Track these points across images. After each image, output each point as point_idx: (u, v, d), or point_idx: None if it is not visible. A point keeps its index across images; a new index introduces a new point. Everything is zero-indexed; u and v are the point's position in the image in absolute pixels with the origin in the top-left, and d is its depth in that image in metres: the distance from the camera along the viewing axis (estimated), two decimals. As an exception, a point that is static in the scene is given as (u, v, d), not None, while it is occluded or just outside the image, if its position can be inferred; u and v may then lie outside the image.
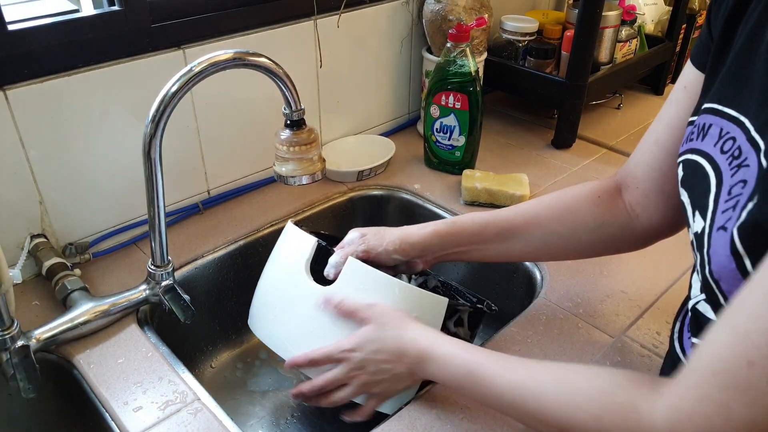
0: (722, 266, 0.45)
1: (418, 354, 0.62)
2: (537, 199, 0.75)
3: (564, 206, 0.72)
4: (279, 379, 0.97)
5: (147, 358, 0.74)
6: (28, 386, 0.69)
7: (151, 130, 0.68)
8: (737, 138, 0.48)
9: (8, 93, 0.76)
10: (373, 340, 0.65)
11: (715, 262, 0.46)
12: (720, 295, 0.47)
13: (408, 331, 0.64)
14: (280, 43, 1.01)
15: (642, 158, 0.68)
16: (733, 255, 0.43)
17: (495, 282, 1.00)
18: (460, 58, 1.03)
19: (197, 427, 0.66)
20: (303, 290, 0.72)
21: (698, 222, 0.50)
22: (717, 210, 0.47)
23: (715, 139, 0.50)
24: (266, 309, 0.77)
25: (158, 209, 0.75)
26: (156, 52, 0.87)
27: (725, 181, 0.47)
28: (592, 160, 1.19)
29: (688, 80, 0.61)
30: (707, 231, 0.48)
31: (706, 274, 0.47)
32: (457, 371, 0.59)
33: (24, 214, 0.83)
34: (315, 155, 0.75)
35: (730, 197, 0.46)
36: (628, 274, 0.88)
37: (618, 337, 0.78)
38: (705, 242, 0.48)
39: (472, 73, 1.04)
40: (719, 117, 0.51)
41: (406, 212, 1.10)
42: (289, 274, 0.75)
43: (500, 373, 0.56)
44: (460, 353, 0.60)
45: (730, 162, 0.47)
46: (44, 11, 0.81)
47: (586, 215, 0.71)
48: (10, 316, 0.68)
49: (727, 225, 0.45)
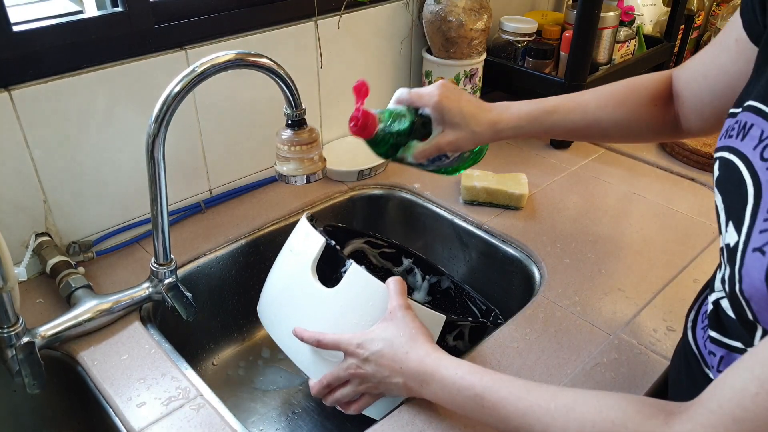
0: (755, 288, 0.43)
1: (421, 373, 0.62)
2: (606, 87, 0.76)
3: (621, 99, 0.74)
4: (281, 376, 0.97)
5: (150, 354, 0.75)
6: (33, 382, 0.70)
7: (154, 129, 0.69)
8: None
9: (13, 93, 0.77)
10: (380, 340, 0.65)
11: (747, 283, 0.44)
12: (749, 311, 0.45)
13: (417, 347, 0.63)
14: (282, 44, 1.02)
15: (687, 72, 0.69)
16: (767, 281, 0.42)
17: (494, 279, 1.01)
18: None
19: (200, 423, 0.67)
20: (307, 289, 0.73)
21: (731, 234, 0.47)
22: (754, 228, 0.45)
23: (756, 142, 0.47)
24: (272, 300, 0.79)
25: (161, 208, 0.76)
26: (159, 53, 0.88)
27: (765, 195, 0.45)
28: (590, 159, 1.20)
29: (738, 35, 0.59)
30: (740, 248, 0.46)
31: (736, 290, 0.46)
32: (461, 394, 0.59)
33: (28, 213, 0.84)
34: (316, 155, 0.76)
35: None
36: (626, 272, 0.89)
37: (615, 334, 0.78)
38: (737, 259, 0.46)
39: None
40: (762, 118, 0.47)
41: (406, 211, 1.11)
42: (295, 271, 0.76)
43: (507, 398, 0.55)
44: (466, 376, 0.59)
45: None
46: (48, 12, 0.82)
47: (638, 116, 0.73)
48: (15, 314, 0.69)
49: (765, 249, 0.43)
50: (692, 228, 0.99)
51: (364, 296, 0.70)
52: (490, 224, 1.00)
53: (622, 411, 0.48)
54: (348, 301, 0.70)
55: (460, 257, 1.06)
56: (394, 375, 0.63)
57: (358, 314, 0.70)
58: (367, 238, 0.98)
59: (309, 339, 0.70)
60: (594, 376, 0.72)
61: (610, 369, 0.73)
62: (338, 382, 0.68)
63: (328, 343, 0.68)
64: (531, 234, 0.97)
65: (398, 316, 0.66)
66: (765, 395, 0.38)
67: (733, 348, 0.51)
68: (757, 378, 0.39)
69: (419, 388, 0.62)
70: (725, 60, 0.62)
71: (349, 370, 0.66)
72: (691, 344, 0.58)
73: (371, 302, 0.69)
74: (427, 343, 0.64)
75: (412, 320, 0.66)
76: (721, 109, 0.63)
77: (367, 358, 0.65)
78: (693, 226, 0.99)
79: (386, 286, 0.70)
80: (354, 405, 0.69)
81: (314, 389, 0.70)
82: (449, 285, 0.86)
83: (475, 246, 1.02)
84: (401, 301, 0.68)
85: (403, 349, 0.63)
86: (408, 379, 0.63)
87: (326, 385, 0.69)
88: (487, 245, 0.99)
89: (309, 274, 0.74)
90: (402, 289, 0.69)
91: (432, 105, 0.72)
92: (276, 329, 0.77)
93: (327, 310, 0.72)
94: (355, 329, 0.68)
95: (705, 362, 0.55)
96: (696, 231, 0.98)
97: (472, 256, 1.04)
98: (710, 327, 0.55)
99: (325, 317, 0.71)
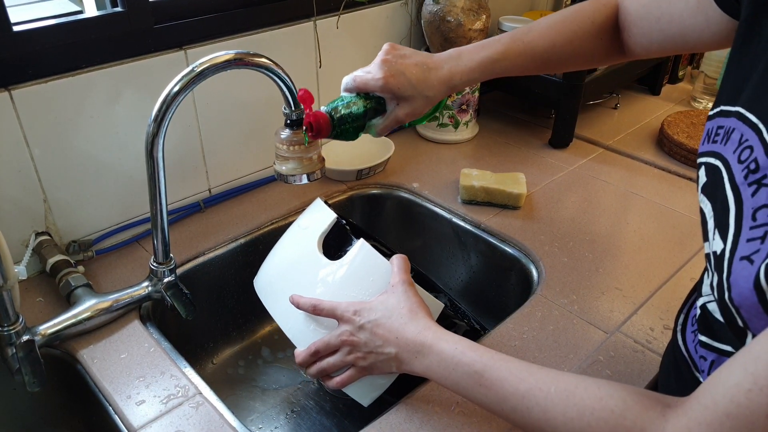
0: (744, 297, 0.43)
1: (418, 344, 0.61)
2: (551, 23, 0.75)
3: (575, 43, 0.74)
4: (280, 375, 0.98)
5: (149, 353, 0.76)
6: (33, 380, 0.71)
7: (154, 129, 0.69)
8: (754, 148, 0.44)
9: (13, 93, 0.77)
10: (378, 310, 0.64)
11: (736, 292, 0.44)
12: (739, 319, 0.45)
13: (417, 320, 0.63)
14: (280, 44, 1.02)
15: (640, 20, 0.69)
16: (756, 290, 0.42)
17: (492, 278, 1.01)
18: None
19: (199, 421, 0.67)
20: (310, 260, 0.73)
21: (717, 242, 0.47)
22: (740, 236, 0.44)
23: (735, 145, 0.47)
24: (272, 271, 0.78)
25: (160, 207, 0.76)
26: (158, 53, 0.89)
27: (745, 200, 0.45)
28: (588, 159, 1.20)
29: None
30: (727, 256, 0.45)
31: (725, 298, 0.45)
32: (459, 369, 0.58)
33: (28, 212, 0.84)
34: (315, 154, 0.76)
35: (756, 224, 0.43)
36: (623, 271, 0.90)
37: (612, 332, 0.79)
38: (725, 267, 0.45)
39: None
40: (742, 122, 0.48)
41: (404, 210, 1.11)
42: (301, 243, 0.76)
43: (508, 378, 0.55)
44: (466, 351, 0.58)
45: (746, 174, 0.45)
46: (48, 13, 0.83)
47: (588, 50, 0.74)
48: (15, 312, 0.70)
49: (753, 258, 0.42)
50: (689, 227, 0.99)
51: (365, 270, 0.69)
52: (489, 223, 1.00)
53: (622, 400, 0.48)
54: (350, 274, 0.70)
55: (458, 256, 1.06)
56: (387, 345, 0.62)
57: (358, 288, 0.69)
58: (372, 241, 0.98)
59: (305, 305, 0.69)
60: (591, 374, 0.73)
61: (608, 367, 0.74)
62: (327, 350, 0.67)
63: (324, 308, 0.67)
64: (529, 233, 0.98)
65: (399, 290, 0.66)
66: (758, 391, 0.38)
67: (723, 352, 0.51)
68: (751, 374, 0.39)
69: (412, 359, 0.61)
70: (682, 9, 0.62)
71: (341, 336, 0.65)
72: (681, 348, 0.58)
73: (372, 277, 0.69)
74: (427, 318, 0.64)
75: (414, 295, 0.66)
76: (669, 46, 0.66)
77: (362, 325, 0.64)
78: (690, 225, 1.00)
79: (390, 263, 0.69)
80: (337, 379, 0.68)
81: (300, 356, 0.69)
82: (445, 302, 0.85)
83: (473, 245, 1.02)
84: (404, 276, 0.68)
85: (402, 321, 0.63)
86: (402, 350, 0.62)
87: (314, 353, 0.67)
88: (485, 244, 1.00)
89: (314, 246, 0.73)
90: (406, 266, 0.69)
91: (379, 89, 0.71)
92: (271, 299, 0.76)
93: (328, 281, 0.71)
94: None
95: (695, 366, 0.55)
96: (693, 230, 0.99)
97: (470, 256, 1.04)
98: (700, 331, 0.55)
99: (325, 288, 0.71)
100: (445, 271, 1.09)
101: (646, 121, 1.36)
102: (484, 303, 1.05)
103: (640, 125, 1.34)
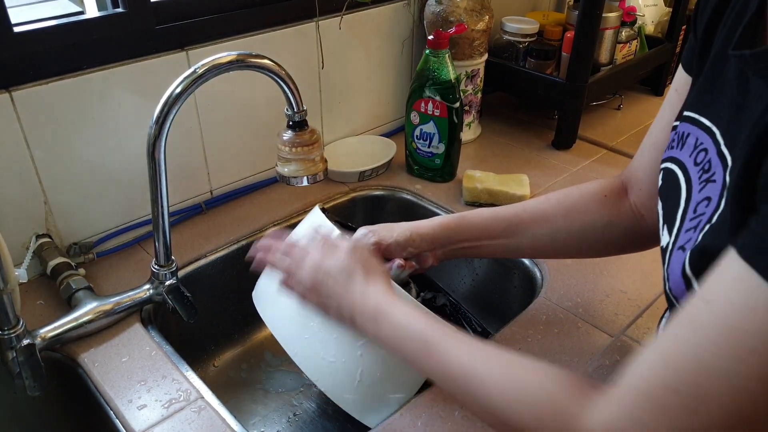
0: (677, 286, 0.45)
1: (373, 308, 0.59)
2: (544, 197, 0.74)
3: (571, 204, 0.71)
4: (282, 378, 0.97)
5: (151, 356, 0.75)
6: (33, 384, 0.70)
7: (155, 131, 0.69)
8: (709, 150, 0.46)
9: (14, 94, 0.77)
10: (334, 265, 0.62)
11: (672, 281, 0.45)
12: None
13: (375, 281, 0.61)
14: (283, 45, 1.02)
15: (643, 160, 0.68)
16: (683, 278, 0.43)
17: (495, 281, 1.01)
18: (439, 66, 1.03)
19: (201, 425, 0.67)
20: None
21: (665, 237, 0.49)
22: (682, 228, 0.46)
23: (691, 149, 0.49)
24: (269, 283, 0.77)
25: (162, 209, 0.75)
26: (159, 54, 0.88)
27: (693, 197, 0.46)
28: (592, 160, 1.20)
29: (678, 83, 0.60)
30: (670, 248, 0.47)
31: (667, 290, 0.47)
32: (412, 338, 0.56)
33: (29, 215, 0.84)
34: (317, 156, 0.76)
35: (695, 216, 0.45)
36: (628, 274, 0.89)
37: (617, 336, 0.78)
38: (666, 259, 0.47)
39: (451, 80, 1.04)
40: (696, 126, 0.49)
41: (407, 212, 1.11)
42: None
43: (451, 348, 0.54)
44: (419, 317, 0.57)
45: (701, 175, 0.46)
46: (49, 13, 0.82)
47: (593, 214, 0.70)
48: (15, 315, 0.69)
49: (686, 246, 0.44)
50: (694, 229, 0.99)
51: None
52: (492, 225, 1.00)
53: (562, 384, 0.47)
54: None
55: (461, 259, 1.05)
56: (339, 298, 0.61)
57: None
58: None
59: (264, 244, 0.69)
60: (596, 378, 0.72)
61: (613, 371, 0.73)
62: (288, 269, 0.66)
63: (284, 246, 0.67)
64: (533, 235, 0.97)
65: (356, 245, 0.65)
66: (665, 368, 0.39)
67: None
68: (660, 351, 0.40)
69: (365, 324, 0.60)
70: (670, 115, 0.61)
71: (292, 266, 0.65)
72: None
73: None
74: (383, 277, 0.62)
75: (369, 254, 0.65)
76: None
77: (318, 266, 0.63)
78: (695, 227, 0.99)
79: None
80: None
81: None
82: (445, 302, 0.85)
83: (476, 247, 1.02)
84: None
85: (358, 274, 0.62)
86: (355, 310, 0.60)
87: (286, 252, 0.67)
88: (488, 246, 0.99)
89: None
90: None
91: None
92: (268, 311, 0.75)
93: None
94: None
95: None
96: (698, 232, 0.98)
97: (473, 258, 1.03)
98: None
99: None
100: (448, 273, 1.08)
101: (649, 122, 1.33)
102: (487, 306, 1.04)
103: (643, 126, 1.33)
